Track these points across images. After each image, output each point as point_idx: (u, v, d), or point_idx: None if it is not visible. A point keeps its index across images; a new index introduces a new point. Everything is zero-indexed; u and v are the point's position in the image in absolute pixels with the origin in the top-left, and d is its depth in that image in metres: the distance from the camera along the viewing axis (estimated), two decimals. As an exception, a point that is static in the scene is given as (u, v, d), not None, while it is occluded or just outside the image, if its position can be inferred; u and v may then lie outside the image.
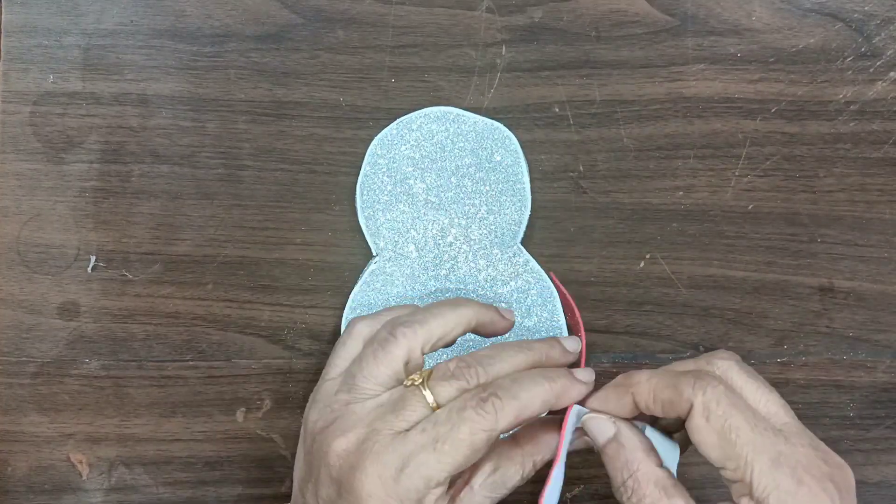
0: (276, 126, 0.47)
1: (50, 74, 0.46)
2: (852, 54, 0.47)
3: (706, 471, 0.46)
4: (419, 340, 0.37)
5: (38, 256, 0.46)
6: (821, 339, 0.47)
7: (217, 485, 0.47)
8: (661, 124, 0.47)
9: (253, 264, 0.47)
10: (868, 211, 0.47)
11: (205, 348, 0.47)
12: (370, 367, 0.36)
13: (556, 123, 0.47)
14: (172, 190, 0.46)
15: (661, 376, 0.34)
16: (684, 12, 0.47)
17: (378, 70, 0.47)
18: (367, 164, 0.45)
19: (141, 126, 0.46)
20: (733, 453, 0.32)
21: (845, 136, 0.47)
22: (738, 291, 0.47)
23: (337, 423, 0.35)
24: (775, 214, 0.47)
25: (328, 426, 0.35)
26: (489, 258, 0.45)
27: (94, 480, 0.47)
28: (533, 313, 0.45)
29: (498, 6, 0.47)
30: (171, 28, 0.46)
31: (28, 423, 0.46)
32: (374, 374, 0.36)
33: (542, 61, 0.47)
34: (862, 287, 0.47)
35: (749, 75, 0.47)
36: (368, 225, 0.45)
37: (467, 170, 0.45)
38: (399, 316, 0.38)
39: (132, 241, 0.46)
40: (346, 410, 0.36)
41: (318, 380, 0.39)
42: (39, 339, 0.46)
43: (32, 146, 0.46)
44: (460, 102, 0.47)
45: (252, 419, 0.47)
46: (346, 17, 0.47)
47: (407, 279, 0.45)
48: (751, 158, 0.47)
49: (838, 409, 0.47)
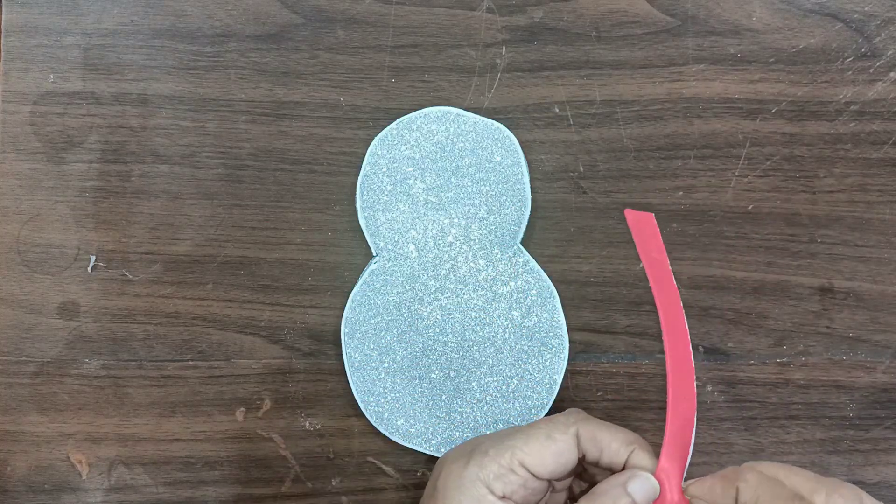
0: (276, 126, 0.47)
1: (50, 74, 0.46)
2: (852, 55, 0.47)
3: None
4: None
5: (38, 256, 0.46)
6: (821, 340, 0.47)
7: (217, 485, 0.47)
8: (661, 124, 0.47)
9: (253, 264, 0.47)
10: (868, 211, 0.47)
11: (205, 348, 0.47)
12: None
13: (556, 123, 0.47)
14: (172, 190, 0.46)
15: (772, 484, 0.33)
16: (684, 12, 0.47)
17: (378, 70, 0.47)
18: (367, 164, 0.45)
19: (141, 126, 0.46)
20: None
21: (845, 136, 0.47)
22: (738, 292, 0.47)
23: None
24: (775, 215, 0.47)
25: None
26: (489, 258, 0.45)
27: (93, 480, 0.47)
28: (533, 313, 0.45)
29: (498, 6, 0.47)
30: (171, 28, 0.46)
31: (28, 422, 0.46)
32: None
33: (543, 61, 0.47)
34: (862, 287, 0.47)
35: (749, 75, 0.47)
36: (368, 225, 0.45)
37: (467, 170, 0.45)
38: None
39: (132, 241, 0.46)
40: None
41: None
42: (39, 338, 0.46)
43: (32, 146, 0.46)
44: (460, 102, 0.47)
45: (252, 419, 0.47)
46: (346, 17, 0.47)
47: (407, 279, 0.45)
48: (751, 158, 0.47)
49: (838, 409, 0.47)
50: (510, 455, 0.36)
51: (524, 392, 0.45)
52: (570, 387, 0.47)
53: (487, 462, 0.36)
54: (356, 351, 0.45)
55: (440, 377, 0.45)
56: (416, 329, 0.45)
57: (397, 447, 0.46)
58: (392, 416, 0.45)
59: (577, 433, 0.37)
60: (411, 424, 0.45)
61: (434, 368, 0.45)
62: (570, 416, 0.38)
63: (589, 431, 0.37)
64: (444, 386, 0.45)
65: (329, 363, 0.47)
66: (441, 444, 0.45)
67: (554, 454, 0.36)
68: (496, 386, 0.45)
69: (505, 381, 0.45)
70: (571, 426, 0.37)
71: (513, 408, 0.45)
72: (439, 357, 0.45)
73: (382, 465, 0.47)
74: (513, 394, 0.45)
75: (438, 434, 0.45)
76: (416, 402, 0.45)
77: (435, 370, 0.45)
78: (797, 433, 0.47)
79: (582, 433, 0.37)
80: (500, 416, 0.45)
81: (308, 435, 0.47)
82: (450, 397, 0.45)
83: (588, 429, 0.37)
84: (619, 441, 0.37)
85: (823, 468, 0.47)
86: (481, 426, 0.45)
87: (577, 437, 0.37)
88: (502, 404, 0.45)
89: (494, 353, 0.45)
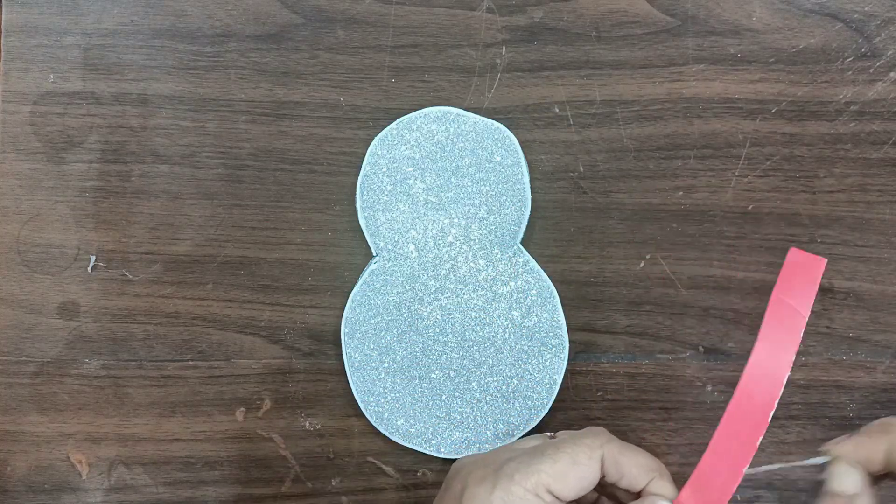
0: (276, 126, 0.47)
1: (50, 74, 0.46)
2: (852, 55, 0.47)
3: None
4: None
5: (38, 256, 0.46)
6: (821, 339, 0.47)
7: (217, 485, 0.47)
8: (661, 124, 0.47)
9: (253, 264, 0.47)
10: (868, 211, 0.47)
11: (205, 348, 0.47)
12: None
13: (556, 123, 0.47)
14: (172, 190, 0.46)
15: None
16: (684, 12, 0.47)
17: (378, 70, 0.47)
18: (367, 164, 0.45)
19: (141, 126, 0.46)
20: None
21: (845, 136, 0.47)
22: (738, 292, 0.47)
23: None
24: (775, 215, 0.47)
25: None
26: (489, 258, 0.45)
27: (93, 480, 0.47)
28: (533, 313, 0.45)
29: (498, 6, 0.47)
30: (171, 28, 0.46)
31: (28, 422, 0.46)
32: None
33: (543, 61, 0.47)
34: (861, 287, 0.47)
35: (749, 75, 0.47)
36: (368, 225, 0.45)
37: (467, 170, 0.45)
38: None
39: (132, 241, 0.46)
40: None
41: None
42: (39, 338, 0.46)
43: (32, 146, 0.46)
44: (460, 102, 0.47)
45: (252, 419, 0.47)
46: (346, 17, 0.47)
47: (407, 279, 0.45)
48: (751, 159, 0.47)
49: (838, 409, 0.47)
50: (536, 479, 0.36)
51: (524, 392, 0.45)
52: (570, 387, 0.47)
53: (514, 487, 0.36)
54: (356, 351, 0.45)
55: (440, 377, 0.45)
56: (416, 329, 0.45)
57: (397, 447, 0.46)
58: (392, 416, 0.45)
59: (602, 457, 0.37)
60: (411, 424, 0.45)
61: (434, 368, 0.45)
62: (596, 439, 0.38)
63: (612, 455, 0.37)
64: (444, 386, 0.45)
65: (329, 363, 0.47)
66: (441, 445, 0.45)
67: (578, 479, 0.36)
68: (496, 386, 0.45)
69: (505, 381, 0.45)
70: (597, 450, 0.37)
71: (513, 408, 0.45)
72: (439, 357, 0.45)
73: (382, 465, 0.47)
74: (513, 394, 0.45)
75: (438, 434, 0.45)
76: (416, 402, 0.45)
77: (435, 370, 0.45)
78: (797, 433, 0.47)
79: (606, 457, 0.37)
80: (500, 416, 0.45)
81: (308, 435, 0.47)
82: (450, 397, 0.45)
83: (612, 452, 0.37)
84: (640, 467, 0.37)
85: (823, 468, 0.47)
86: (481, 426, 0.45)
87: (601, 461, 0.37)
88: (502, 404, 0.45)
89: (494, 353, 0.45)
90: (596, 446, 0.37)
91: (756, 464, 0.37)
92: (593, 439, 0.38)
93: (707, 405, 0.47)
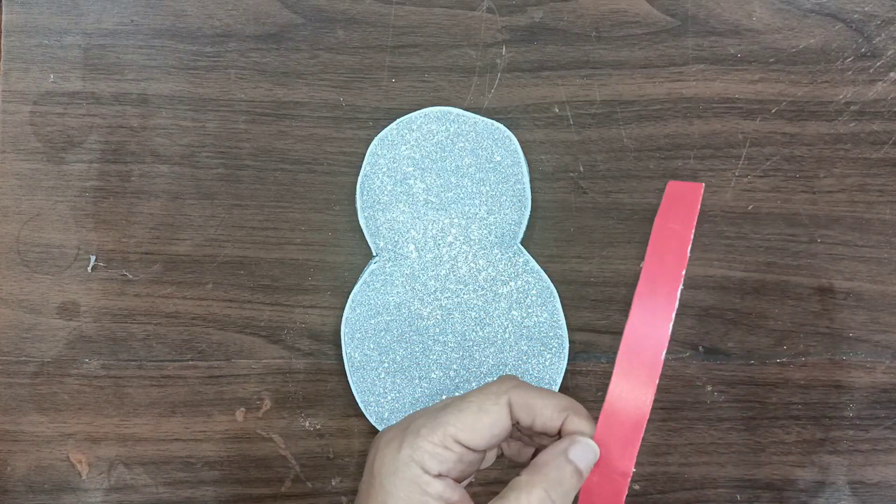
0: (276, 126, 0.47)
1: (50, 74, 0.46)
2: (852, 55, 0.47)
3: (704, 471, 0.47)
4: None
5: (38, 256, 0.46)
6: (821, 339, 0.47)
7: (217, 485, 0.47)
8: (661, 124, 0.47)
9: (253, 264, 0.47)
10: (868, 211, 0.47)
11: (205, 348, 0.47)
12: None
13: (556, 123, 0.47)
14: (172, 190, 0.46)
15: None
16: (684, 13, 0.47)
17: (378, 70, 0.47)
18: (367, 164, 0.45)
19: (141, 126, 0.46)
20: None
21: (845, 136, 0.47)
22: (738, 291, 0.47)
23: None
24: (775, 215, 0.47)
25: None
26: (489, 258, 0.45)
27: (93, 480, 0.47)
28: (533, 313, 0.45)
29: (498, 6, 0.47)
30: (171, 28, 0.46)
31: (28, 422, 0.46)
32: None
33: (543, 61, 0.47)
34: (861, 287, 0.47)
35: (749, 75, 0.47)
36: (368, 225, 0.45)
37: (467, 170, 0.45)
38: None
39: (132, 241, 0.46)
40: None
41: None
42: (39, 338, 0.46)
43: (32, 146, 0.46)
44: (460, 102, 0.47)
45: (252, 419, 0.47)
46: (346, 17, 0.47)
47: (407, 279, 0.45)
48: (751, 159, 0.47)
49: (838, 409, 0.47)
50: (443, 432, 0.35)
51: (524, 392, 0.45)
52: (570, 387, 0.47)
53: (420, 442, 0.35)
54: (356, 351, 0.45)
55: (440, 377, 0.45)
56: (416, 329, 0.45)
57: (397, 447, 0.46)
58: (392, 416, 0.45)
59: (510, 402, 0.37)
60: (411, 424, 0.45)
61: (434, 368, 0.45)
62: (502, 385, 0.37)
63: (521, 399, 0.36)
64: (444, 386, 0.45)
65: (329, 363, 0.47)
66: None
67: (487, 426, 0.36)
68: (496, 386, 0.45)
69: (505, 381, 0.45)
70: (503, 395, 0.36)
71: (513, 408, 0.45)
72: (439, 357, 0.45)
73: (382, 465, 0.47)
74: (513, 394, 0.45)
75: (438, 434, 0.45)
76: (416, 402, 0.45)
77: (435, 370, 0.45)
78: (797, 433, 0.47)
79: (514, 401, 0.36)
80: (500, 416, 0.45)
81: (308, 435, 0.47)
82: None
83: (520, 396, 0.36)
84: (553, 407, 0.36)
85: (823, 468, 0.47)
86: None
87: (509, 406, 0.37)
88: (502, 404, 0.45)
89: (494, 353, 0.45)
90: (502, 392, 0.36)
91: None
92: (499, 385, 0.37)
93: (707, 405, 0.47)
